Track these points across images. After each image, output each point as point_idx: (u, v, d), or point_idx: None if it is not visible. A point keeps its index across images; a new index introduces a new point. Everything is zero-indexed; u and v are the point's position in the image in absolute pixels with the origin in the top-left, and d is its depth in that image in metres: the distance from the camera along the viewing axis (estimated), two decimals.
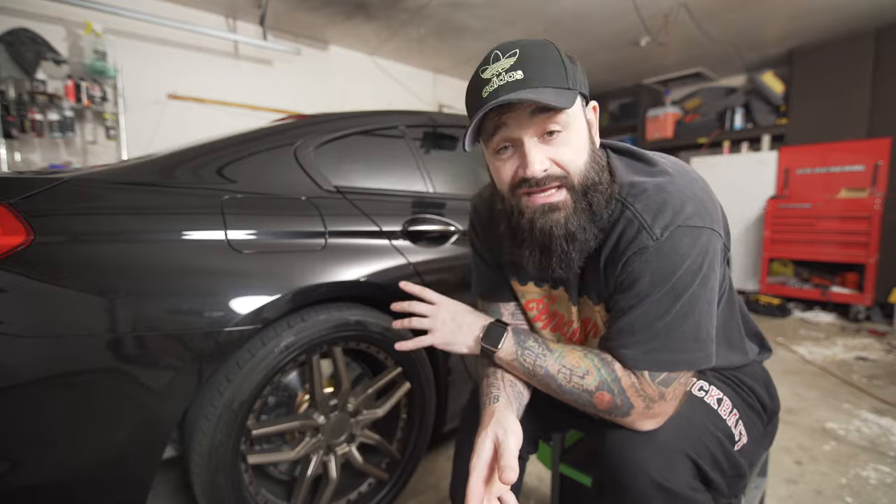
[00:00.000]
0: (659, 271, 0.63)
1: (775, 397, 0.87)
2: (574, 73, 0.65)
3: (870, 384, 2.41)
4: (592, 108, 0.71)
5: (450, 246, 1.43)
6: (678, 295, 0.63)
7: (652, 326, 0.64)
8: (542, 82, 0.62)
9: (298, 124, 1.38)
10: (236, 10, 3.64)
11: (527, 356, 0.73)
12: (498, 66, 0.63)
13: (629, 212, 0.66)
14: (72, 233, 0.91)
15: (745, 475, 0.73)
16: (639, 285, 0.65)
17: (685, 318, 0.63)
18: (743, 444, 0.75)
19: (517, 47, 0.63)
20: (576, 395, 0.68)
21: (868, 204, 3.70)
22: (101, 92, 3.02)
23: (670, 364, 0.64)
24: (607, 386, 0.66)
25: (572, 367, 0.68)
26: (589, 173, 0.66)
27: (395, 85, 4.82)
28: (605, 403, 0.66)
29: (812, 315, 3.90)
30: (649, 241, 0.63)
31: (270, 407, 1.24)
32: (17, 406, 0.82)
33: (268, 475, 1.28)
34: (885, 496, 1.47)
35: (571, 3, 3.45)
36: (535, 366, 0.72)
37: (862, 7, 3.52)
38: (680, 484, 0.62)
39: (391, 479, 1.38)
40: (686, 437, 0.67)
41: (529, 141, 0.64)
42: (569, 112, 0.63)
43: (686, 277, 0.63)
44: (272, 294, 1.05)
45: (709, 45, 4.22)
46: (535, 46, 0.64)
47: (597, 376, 0.66)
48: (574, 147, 0.65)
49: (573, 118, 0.65)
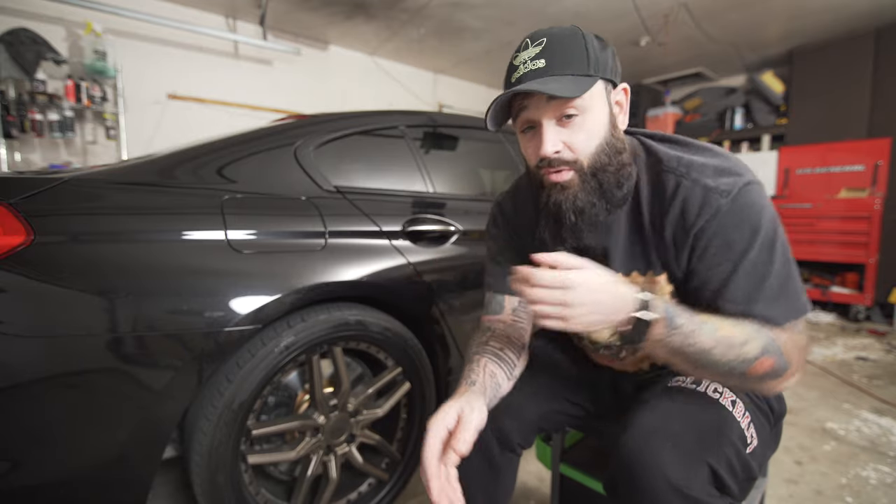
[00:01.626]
0: (746, 226, 0.66)
1: (782, 400, 0.87)
2: (599, 58, 0.68)
3: (870, 384, 2.41)
4: (623, 90, 0.74)
5: (450, 246, 1.43)
6: (772, 245, 0.66)
7: (764, 281, 0.66)
8: (562, 69, 0.67)
9: (298, 124, 1.38)
10: (236, 10, 3.64)
11: (674, 337, 0.63)
12: (525, 54, 0.69)
13: (687, 182, 0.69)
14: (72, 233, 0.91)
15: (755, 477, 0.72)
16: (732, 247, 0.66)
17: (788, 263, 0.67)
18: (754, 447, 0.74)
19: (545, 36, 0.69)
20: (731, 367, 0.65)
21: (868, 204, 3.70)
22: (101, 92, 3.03)
23: (802, 308, 0.67)
24: (770, 350, 0.65)
25: (730, 338, 0.64)
26: (600, 156, 0.70)
27: (395, 85, 4.82)
28: (765, 368, 0.65)
29: (812, 315, 3.90)
30: (720, 201, 0.66)
31: (270, 407, 1.24)
32: (17, 406, 0.82)
33: (268, 475, 1.28)
34: (885, 496, 1.47)
35: (572, 3, 3.45)
36: (683, 345, 0.64)
37: (862, 7, 3.52)
38: (699, 490, 0.62)
39: (391, 479, 1.37)
40: (706, 441, 0.66)
41: (547, 123, 0.69)
42: (585, 97, 0.67)
43: (769, 227, 0.66)
44: (272, 294, 1.05)
45: (709, 45, 4.22)
46: (562, 35, 0.69)
47: (758, 342, 0.64)
48: (588, 131, 0.69)
49: (591, 103, 0.69)
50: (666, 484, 0.61)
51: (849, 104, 4.06)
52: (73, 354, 0.86)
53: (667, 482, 0.61)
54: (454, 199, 1.55)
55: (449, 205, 1.51)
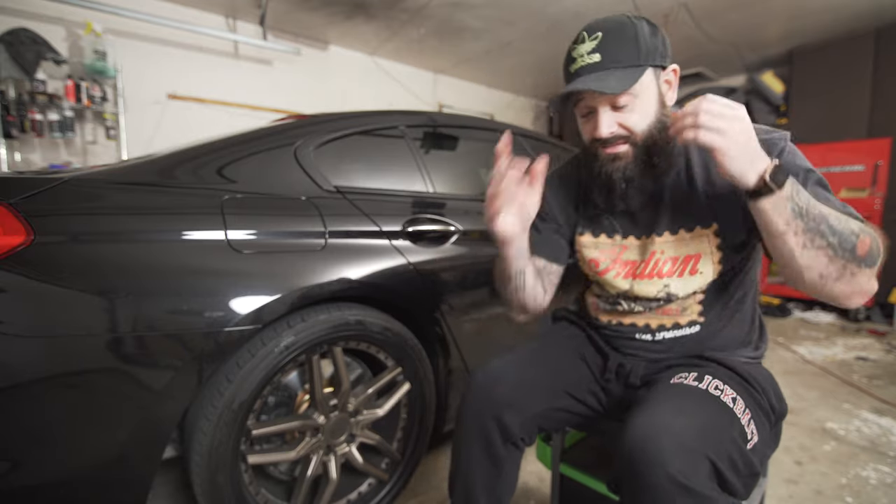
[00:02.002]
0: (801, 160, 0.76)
1: (782, 400, 0.88)
2: (649, 46, 0.76)
3: (870, 384, 2.41)
4: (672, 71, 0.82)
5: (450, 246, 1.43)
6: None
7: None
8: (615, 62, 0.75)
9: (298, 124, 1.38)
10: (236, 10, 3.64)
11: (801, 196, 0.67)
12: (582, 48, 0.78)
13: None
14: (72, 233, 0.91)
15: (758, 474, 0.73)
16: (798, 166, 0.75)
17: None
18: (754, 444, 0.75)
19: (600, 30, 0.76)
20: (843, 237, 0.67)
21: (868, 204, 3.70)
22: (101, 92, 3.03)
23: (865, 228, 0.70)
24: (865, 229, 0.69)
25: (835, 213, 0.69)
26: (651, 132, 0.79)
27: (395, 85, 4.82)
28: (865, 247, 0.68)
29: (812, 315, 3.90)
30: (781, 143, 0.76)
31: (270, 407, 1.24)
32: (17, 406, 0.82)
33: (268, 475, 1.28)
34: (885, 496, 1.47)
35: (572, 3, 3.45)
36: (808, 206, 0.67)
37: (862, 7, 3.52)
38: (700, 484, 0.63)
39: (391, 479, 1.37)
40: (707, 438, 0.66)
41: (602, 109, 0.78)
42: (636, 85, 0.75)
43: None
44: (272, 294, 1.05)
45: (709, 45, 4.22)
46: (616, 28, 0.76)
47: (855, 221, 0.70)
48: (640, 113, 0.78)
49: (642, 88, 0.77)
50: (667, 478, 0.62)
51: (849, 104, 4.06)
52: (73, 354, 0.86)
53: (668, 476, 0.62)
54: (454, 199, 1.55)
55: (449, 205, 1.51)
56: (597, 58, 0.76)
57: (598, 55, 0.76)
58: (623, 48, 0.75)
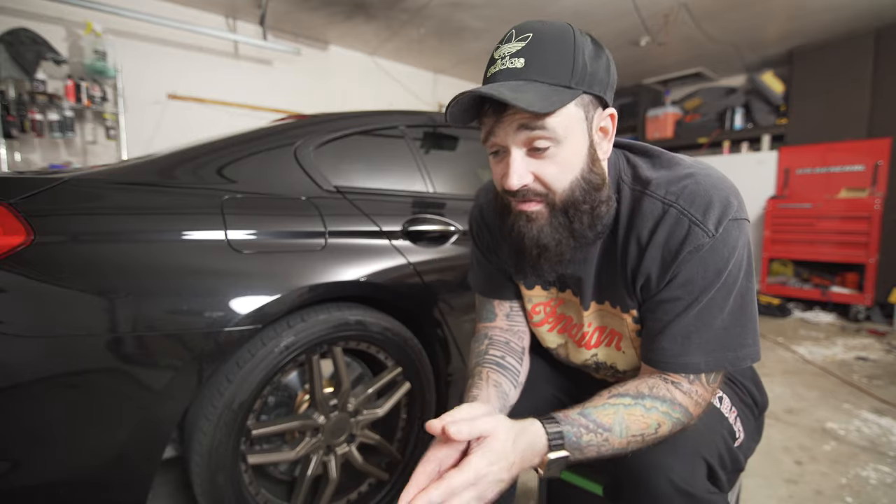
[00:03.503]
0: (713, 267, 0.61)
1: (764, 393, 0.89)
2: (588, 68, 0.60)
3: (870, 384, 2.41)
4: (609, 116, 0.65)
5: (450, 246, 1.43)
6: (730, 290, 0.62)
7: (710, 326, 0.62)
8: (542, 74, 0.58)
9: (298, 124, 1.38)
10: (236, 10, 3.64)
11: (589, 451, 0.61)
12: (505, 49, 0.61)
13: (674, 210, 0.62)
14: (72, 233, 0.91)
15: (742, 469, 0.75)
16: (692, 285, 0.62)
17: (741, 312, 0.63)
18: (741, 441, 0.77)
19: (533, 31, 0.60)
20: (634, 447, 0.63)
21: (868, 204, 3.70)
22: (101, 92, 3.03)
23: (733, 361, 0.63)
24: (680, 422, 0.63)
25: (643, 431, 0.62)
26: (574, 192, 0.63)
27: (395, 85, 4.82)
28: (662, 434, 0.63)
29: (812, 315, 3.90)
30: (705, 239, 0.60)
31: (270, 407, 1.24)
32: (17, 406, 0.82)
33: (268, 475, 1.28)
34: (885, 496, 1.47)
35: (572, 3, 3.45)
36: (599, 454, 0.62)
37: (862, 7, 3.52)
38: (700, 487, 0.63)
39: (391, 479, 1.38)
40: (701, 439, 0.66)
41: (515, 152, 0.61)
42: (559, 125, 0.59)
43: (735, 271, 0.61)
44: (272, 294, 1.05)
45: (709, 45, 4.22)
46: (551, 33, 0.60)
47: (669, 422, 0.62)
48: (562, 164, 0.61)
49: (567, 132, 0.60)
50: (669, 483, 0.62)
51: (849, 104, 4.06)
52: (73, 354, 0.86)
53: (670, 482, 0.62)
54: (454, 199, 1.55)
55: (449, 205, 1.51)
56: (520, 63, 0.59)
57: (523, 60, 0.59)
58: (555, 60, 0.58)
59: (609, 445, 0.61)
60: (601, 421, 0.61)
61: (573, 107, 0.60)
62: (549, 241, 0.64)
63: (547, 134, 0.59)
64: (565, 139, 0.60)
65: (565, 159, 0.61)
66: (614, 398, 0.63)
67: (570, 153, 0.61)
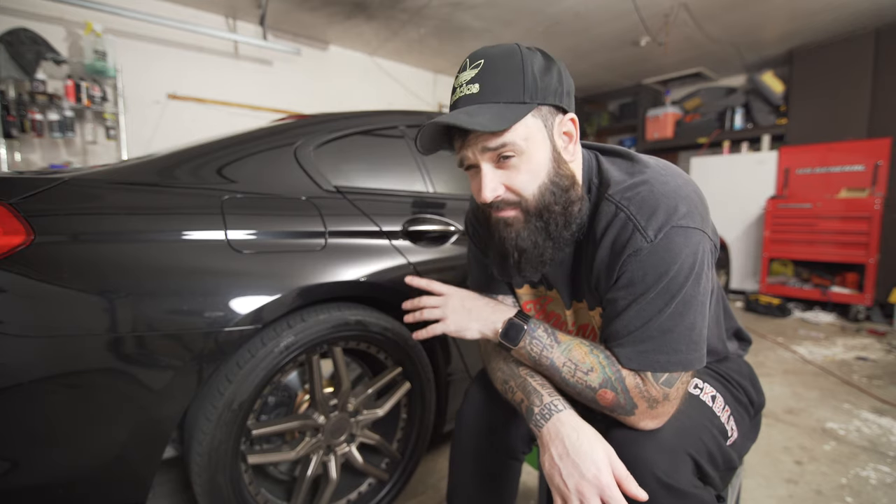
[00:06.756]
0: (653, 271, 0.63)
1: (760, 392, 0.90)
2: (539, 82, 0.64)
3: (870, 384, 2.41)
4: (570, 120, 0.69)
5: (450, 246, 1.43)
6: (672, 295, 0.63)
7: (646, 327, 0.64)
8: (495, 95, 0.64)
9: (298, 124, 1.38)
10: (236, 10, 3.64)
11: (534, 345, 0.72)
12: (463, 77, 0.66)
13: (623, 214, 0.66)
14: (72, 233, 0.91)
15: (736, 467, 0.76)
16: (633, 286, 0.65)
17: (680, 318, 0.63)
18: (734, 439, 0.78)
19: (483, 57, 0.65)
20: (579, 390, 0.68)
21: (868, 204, 3.70)
22: (101, 92, 3.03)
23: (665, 365, 0.64)
24: (611, 384, 0.66)
25: (577, 361, 0.68)
26: (545, 196, 0.67)
27: (395, 85, 4.82)
28: (608, 401, 0.66)
29: (812, 315, 3.90)
30: (643, 243, 0.63)
31: (270, 407, 1.24)
32: (17, 406, 0.82)
33: (268, 475, 1.28)
34: (885, 496, 1.47)
35: (572, 3, 3.45)
36: (541, 356, 0.71)
37: (862, 7, 3.52)
38: (684, 482, 0.64)
39: (391, 479, 1.38)
40: (687, 435, 0.68)
41: (485, 167, 0.67)
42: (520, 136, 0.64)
43: (679, 278, 0.63)
44: (272, 294, 1.05)
45: (709, 45, 4.23)
46: (500, 56, 0.65)
47: (601, 374, 0.66)
48: (529, 172, 0.66)
49: (528, 143, 0.65)
50: (654, 478, 0.63)
51: (849, 104, 4.06)
52: (73, 354, 0.86)
53: (654, 477, 0.63)
54: (454, 199, 1.54)
55: (449, 205, 1.51)
56: (475, 88, 0.64)
57: (478, 85, 0.64)
58: (506, 80, 0.63)
59: (550, 352, 0.71)
60: (557, 335, 0.72)
61: (530, 118, 0.65)
62: (527, 245, 0.69)
63: (508, 148, 0.64)
64: (527, 149, 0.65)
65: (531, 168, 0.66)
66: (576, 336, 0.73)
67: (535, 161, 0.66)
